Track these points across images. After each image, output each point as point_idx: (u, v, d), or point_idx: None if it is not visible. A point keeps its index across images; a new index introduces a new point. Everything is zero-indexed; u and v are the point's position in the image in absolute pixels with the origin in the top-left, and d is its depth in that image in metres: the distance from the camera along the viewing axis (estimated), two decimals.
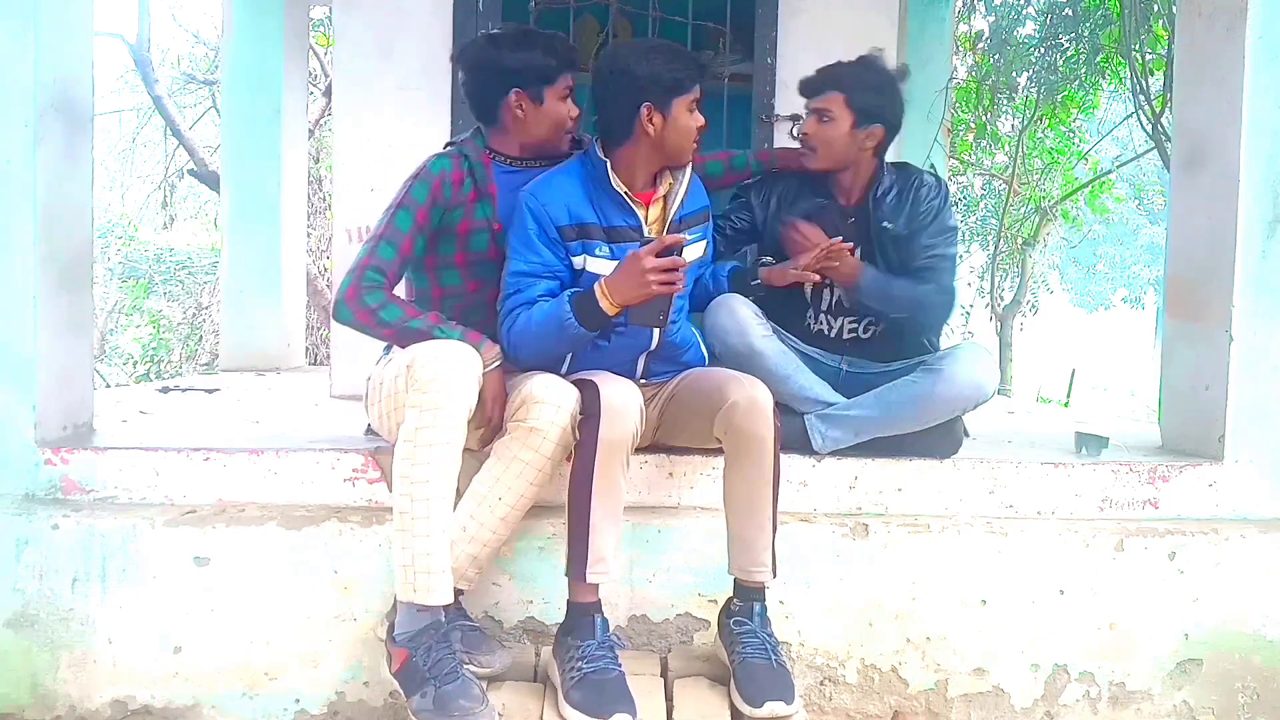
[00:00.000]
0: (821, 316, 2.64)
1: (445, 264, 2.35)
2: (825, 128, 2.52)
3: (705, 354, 2.46)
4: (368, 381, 2.34)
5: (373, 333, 2.21)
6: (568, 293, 2.15)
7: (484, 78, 2.31)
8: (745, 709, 2.03)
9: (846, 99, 2.51)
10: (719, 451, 2.23)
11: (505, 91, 2.28)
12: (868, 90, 2.52)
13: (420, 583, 1.96)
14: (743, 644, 2.10)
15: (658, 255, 2.04)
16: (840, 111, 2.51)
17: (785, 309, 2.58)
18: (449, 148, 2.41)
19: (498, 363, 2.16)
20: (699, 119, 2.24)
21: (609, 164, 2.22)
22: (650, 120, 2.19)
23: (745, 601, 2.15)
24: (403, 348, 2.15)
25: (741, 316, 2.44)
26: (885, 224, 2.55)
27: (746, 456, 2.12)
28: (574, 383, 2.14)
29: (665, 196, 2.30)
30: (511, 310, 2.20)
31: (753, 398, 2.11)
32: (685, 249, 2.24)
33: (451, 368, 2.00)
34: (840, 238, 2.45)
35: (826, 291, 2.62)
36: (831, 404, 2.51)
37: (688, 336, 2.42)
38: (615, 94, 2.21)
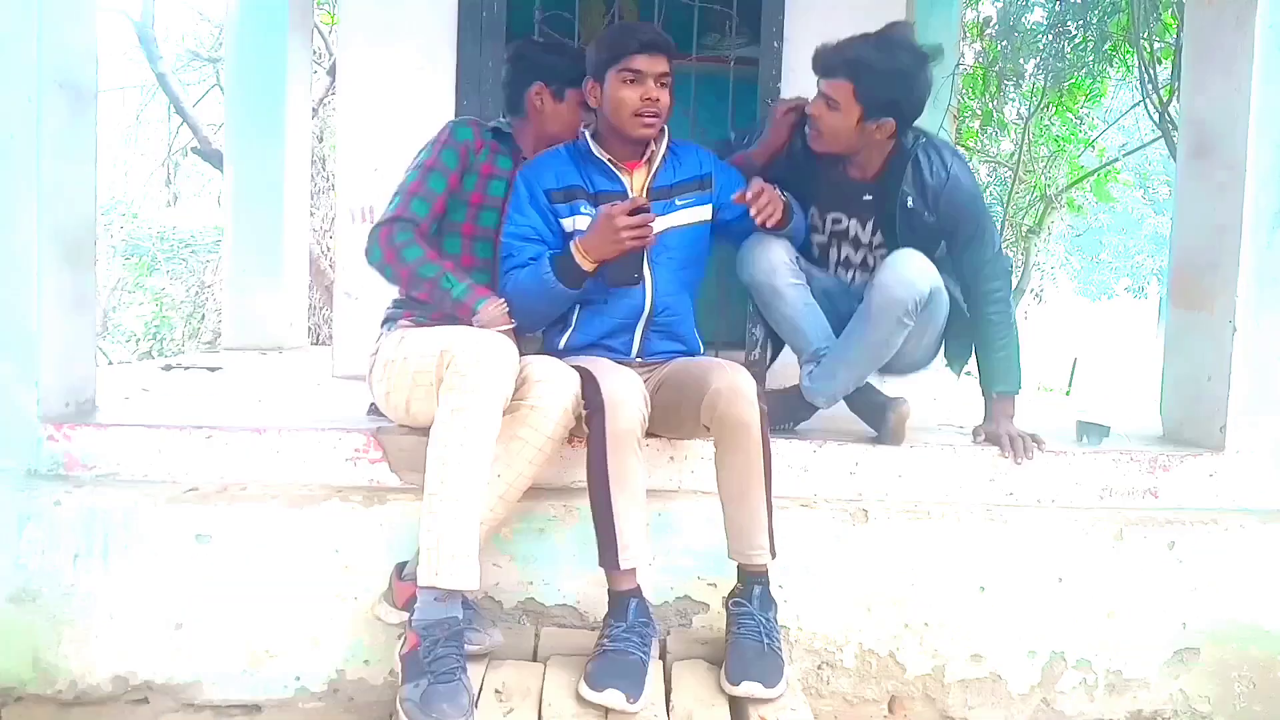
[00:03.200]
0: (838, 269, 2.66)
1: (452, 230, 2.42)
2: (832, 115, 2.37)
3: (700, 344, 2.51)
4: (372, 357, 2.35)
5: (393, 270, 2.30)
6: (549, 253, 2.29)
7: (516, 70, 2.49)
8: (724, 685, 2.05)
9: (855, 90, 2.32)
10: None
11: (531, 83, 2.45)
12: (880, 81, 2.32)
13: (445, 567, 1.94)
14: (738, 625, 2.11)
15: (629, 214, 2.15)
16: (848, 102, 2.34)
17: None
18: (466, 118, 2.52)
19: (510, 325, 2.24)
20: (645, 90, 2.27)
21: (588, 134, 2.37)
22: (593, 94, 2.35)
23: (746, 584, 2.16)
24: (410, 292, 2.34)
25: (775, 257, 2.44)
26: (909, 202, 2.45)
27: (734, 442, 2.12)
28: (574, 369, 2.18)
29: (650, 163, 2.40)
30: (507, 273, 2.34)
31: (734, 384, 2.11)
32: (678, 212, 2.40)
33: (490, 355, 2.02)
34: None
35: (833, 250, 2.64)
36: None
37: (685, 307, 2.44)
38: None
